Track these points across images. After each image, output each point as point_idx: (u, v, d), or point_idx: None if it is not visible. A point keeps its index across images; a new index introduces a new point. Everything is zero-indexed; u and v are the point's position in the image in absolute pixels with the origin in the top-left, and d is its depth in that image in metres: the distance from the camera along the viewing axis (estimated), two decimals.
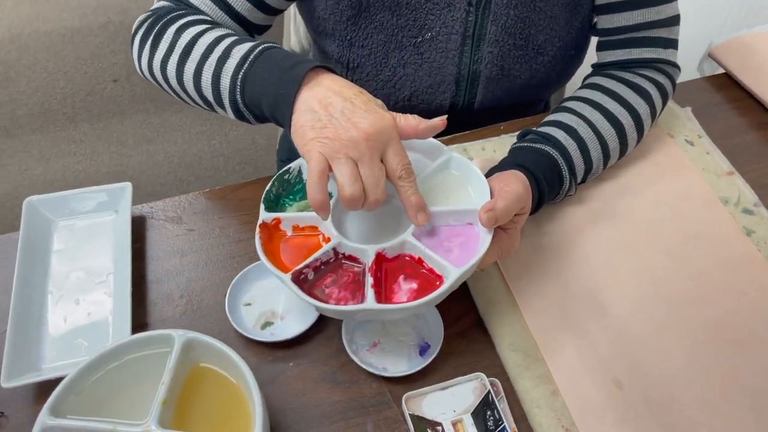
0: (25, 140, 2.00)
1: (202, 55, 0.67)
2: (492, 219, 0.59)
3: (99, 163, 1.96)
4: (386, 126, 0.57)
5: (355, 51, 0.81)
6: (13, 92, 2.13)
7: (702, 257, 0.74)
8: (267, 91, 0.62)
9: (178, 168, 1.96)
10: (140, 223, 0.76)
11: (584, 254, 0.73)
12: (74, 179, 1.91)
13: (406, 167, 0.58)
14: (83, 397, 0.56)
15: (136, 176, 1.93)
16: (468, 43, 0.80)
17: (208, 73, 0.66)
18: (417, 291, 0.60)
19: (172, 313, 0.69)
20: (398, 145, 0.57)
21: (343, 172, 0.55)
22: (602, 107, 0.76)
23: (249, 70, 0.63)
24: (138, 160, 1.98)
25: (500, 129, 0.88)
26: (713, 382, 0.64)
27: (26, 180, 1.90)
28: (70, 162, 1.96)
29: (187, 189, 1.91)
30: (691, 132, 0.88)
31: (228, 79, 0.65)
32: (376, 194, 0.56)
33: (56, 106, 2.10)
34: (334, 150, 0.55)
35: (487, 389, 0.63)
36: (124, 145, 2.02)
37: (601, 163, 0.75)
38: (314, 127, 0.57)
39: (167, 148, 2.01)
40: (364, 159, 0.56)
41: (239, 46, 0.65)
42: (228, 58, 0.65)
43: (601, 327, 0.67)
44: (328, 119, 0.57)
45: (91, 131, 2.04)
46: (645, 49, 0.80)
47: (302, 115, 0.58)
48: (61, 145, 2.00)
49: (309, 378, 0.65)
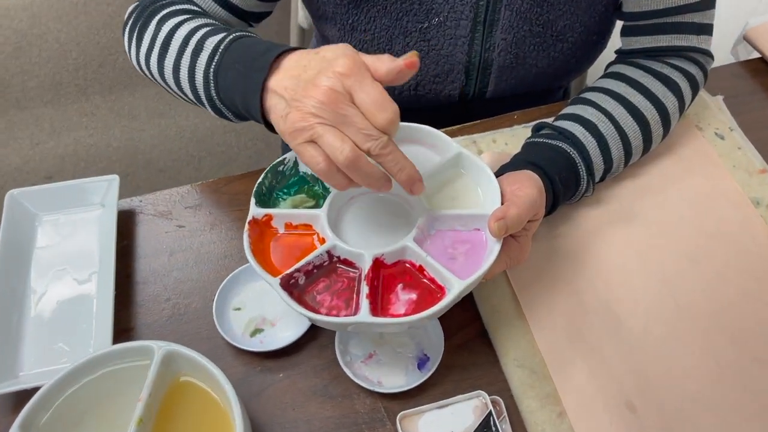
0: (37, 113, 1.98)
1: (178, 49, 0.62)
2: (503, 229, 0.54)
3: (110, 137, 1.93)
4: (343, 70, 0.48)
5: (357, 36, 0.76)
6: (25, 63, 2.09)
7: (728, 265, 0.68)
8: (237, 84, 0.56)
9: (189, 143, 1.93)
10: (128, 218, 0.73)
11: (599, 260, 0.68)
12: (85, 153, 1.89)
13: (386, 119, 0.48)
14: (57, 413, 0.53)
15: (147, 151, 1.90)
16: (479, 30, 0.74)
17: (185, 69, 0.61)
18: (416, 303, 0.55)
19: (157, 317, 0.66)
20: (367, 86, 0.48)
21: (326, 143, 0.48)
22: (626, 101, 0.69)
23: (219, 63, 0.58)
24: (150, 134, 1.95)
25: (514, 118, 0.82)
26: (737, 405, 0.59)
27: (37, 154, 1.88)
28: (81, 135, 1.93)
29: (198, 165, 1.88)
30: (721, 124, 0.81)
31: (201, 74, 0.60)
32: (371, 143, 0.48)
33: (68, 77, 2.07)
34: (307, 130, 0.49)
35: (488, 409, 0.59)
36: (136, 119, 1.98)
37: (622, 162, 0.69)
38: (282, 117, 0.51)
39: (179, 122, 1.97)
40: (339, 117, 0.48)
41: (212, 38, 0.60)
42: (201, 51, 0.60)
43: (615, 343, 0.62)
44: (291, 100, 0.50)
45: (103, 104, 2.01)
46: (675, 36, 0.72)
47: (273, 110, 0.53)
48: (72, 118, 1.98)
49: (299, 391, 0.62)
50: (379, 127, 0.48)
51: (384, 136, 0.48)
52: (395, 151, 0.50)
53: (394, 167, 0.50)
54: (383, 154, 0.49)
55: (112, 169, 1.86)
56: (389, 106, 0.48)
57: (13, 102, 1.99)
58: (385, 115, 0.48)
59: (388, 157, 0.49)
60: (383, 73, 0.49)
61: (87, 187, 0.72)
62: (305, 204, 0.62)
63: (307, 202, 0.62)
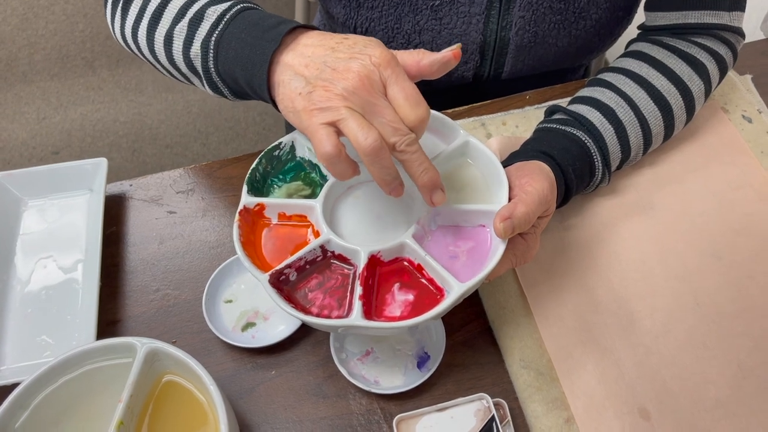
0: (43, 86, 1.95)
1: (173, 19, 0.57)
2: (509, 229, 0.50)
3: (117, 112, 1.90)
4: (380, 61, 0.46)
5: (364, 13, 0.71)
6: (32, 35, 2.06)
7: (754, 261, 0.63)
8: (242, 54, 0.52)
9: (197, 118, 1.89)
10: (117, 204, 0.69)
11: (613, 254, 0.63)
12: (92, 128, 1.86)
13: (417, 117, 0.46)
14: (36, 413, 0.51)
15: (155, 126, 1.87)
16: (495, 6, 0.68)
17: (179, 39, 0.57)
18: (413, 305, 0.52)
19: (145, 309, 0.63)
20: (402, 81, 0.46)
21: (350, 127, 0.45)
22: (648, 84, 0.64)
23: (224, 32, 0.54)
24: (157, 108, 1.91)
25: (526, 98, 0.77)
26: (761, 414, 0.55)
27: (44, 129, 1.86)
28: (88, 110, 1.90)
29: (206, 140, 1.85)
30: (750, 106, 0.75)
31: (199, 44, 0.56)
32: (397, 138, 0.45)
33: (75, 50, 2.03)
34: (332, 111, 0.46)
35: (491, 413, 0.55)
36: (143, 93, 1.95)
37: (641, 150, 0.65)
38: (301, 95, 0.47)
39: (187, 96, 1.93)
40: (368, 105, 0.46)
41: (214, 7, 0.56)
42: (202, 21, 0.56)
43: (629, 344, 0.58)
44: (315, 78, 0.47)
45: (110, 78, 1.98)
46: (705, 12, 0.66)
47: (286, 86, 0.49)
48: (79, 91, 1.95)
49: (292, 389, 0.58)
50: (409, 124, 0.46)
51: (412, 134, 0.46)
52: (421, 151, 0.47)
53: (418, 168, 0.47)
54: (408, 152, 0.46)
55: (119, 144, 1.83)
56: (422, 104, 0.46)
57: (19, 76, 1.97)
58: (417, 112, 0.46)
59: (413, 155, 0.46)
60: (427, 64, 0.48)
61: (74, 170, 0.68)
62: (301, 192, 0.58)
63: (303, 190, 0.58)
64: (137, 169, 1.79)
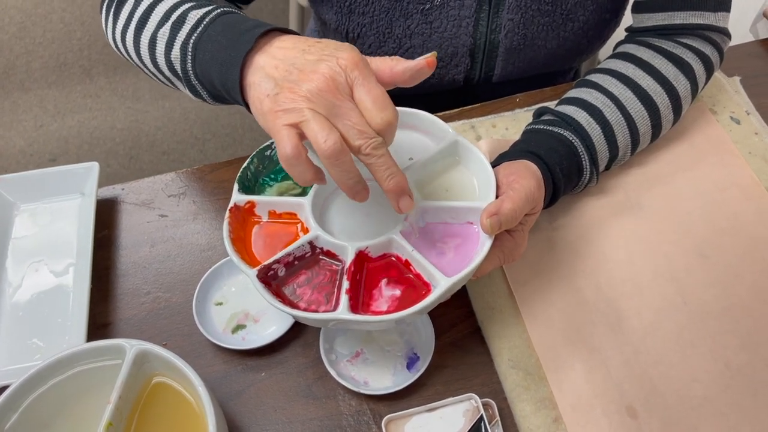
0: (41, 94, 1.96)
1: (157, 23, 0.58)
2: (496, 225, 0.50)
3: (114, 119, 1.91)
4: (347, 63, 0.45)
5: (355, 19, 0.71)
6: (29, 43, 2.07)
7: (741, 261, 0.63)
8: (217, 56, 0.52)
9: (194, 125, 1.90)
10: (109, 207, 0.70)
11: (601, 254, 0.64)
12: (89, 136, 1.87)
13: (384, 119, 0.44)
14: (26, 415, 0.51)
15: (152, 133, 1.88)
16: (484, 10, 0.69)
17: (162, 42, 0.58)
18: (399, 299, 0.52)
19: (136, 312, 0.63)
20: (369, 83, 0.45)
21: (311, 128, 0.44)
22: (635, 84, 0.65)
23: (202, 35, 0.54)
24: (154, 115, 1.92)
25: (516, 101, 0.77)
26: (748, 413, 0.55)
27: (41, 136, 1.86)
28: (85, 117, 1.91)
29: (203, 147, 1.85)
30: (738, 107, 0.76)
31: (179, 47, 0.56)
32: (362, 141, 0.44)
33: (72, 58, 2.04)
34: (295, 112, 0.44)
35: (479, 413, 0.55)
36: (140, 101, 1.95)
37: (629, 150, 0.65)
38: (269, 96, 0.46)
39: (183, 103, 1.94)
40: (333, 108, 0.44)
41: (196, 11, 0.56)
42: (183, 24, 0.56)
43: (616, 343, 0.58)
44: (282, 80, 0.46)
45: (107, 85, 1.98)
46: (691, 13, 0.67)
47: (256, 87, 0.48)
48: (77, 99, 1.95)
49: (281, 391, 0.59)
50: (375, 128, 0.44)
51: (378, 137, 0.44)
52: (388, 155, 0.45)
53: (384, 172, 0.45)
54: (374, 155, 0.44)
55: (116, 151, 1.83)
56: (389, 107, 0.44)
57: (17, 84, 1.97)
58: (384, 115, 0.44)
59: (379, 159, 0.45)
60: (400, 70, 0.46)
61: (66, 174, 0.69)
62: (292, 191, 0.59)
63: (293, 189, 0.59)
64: (134, 176, 1.79)
